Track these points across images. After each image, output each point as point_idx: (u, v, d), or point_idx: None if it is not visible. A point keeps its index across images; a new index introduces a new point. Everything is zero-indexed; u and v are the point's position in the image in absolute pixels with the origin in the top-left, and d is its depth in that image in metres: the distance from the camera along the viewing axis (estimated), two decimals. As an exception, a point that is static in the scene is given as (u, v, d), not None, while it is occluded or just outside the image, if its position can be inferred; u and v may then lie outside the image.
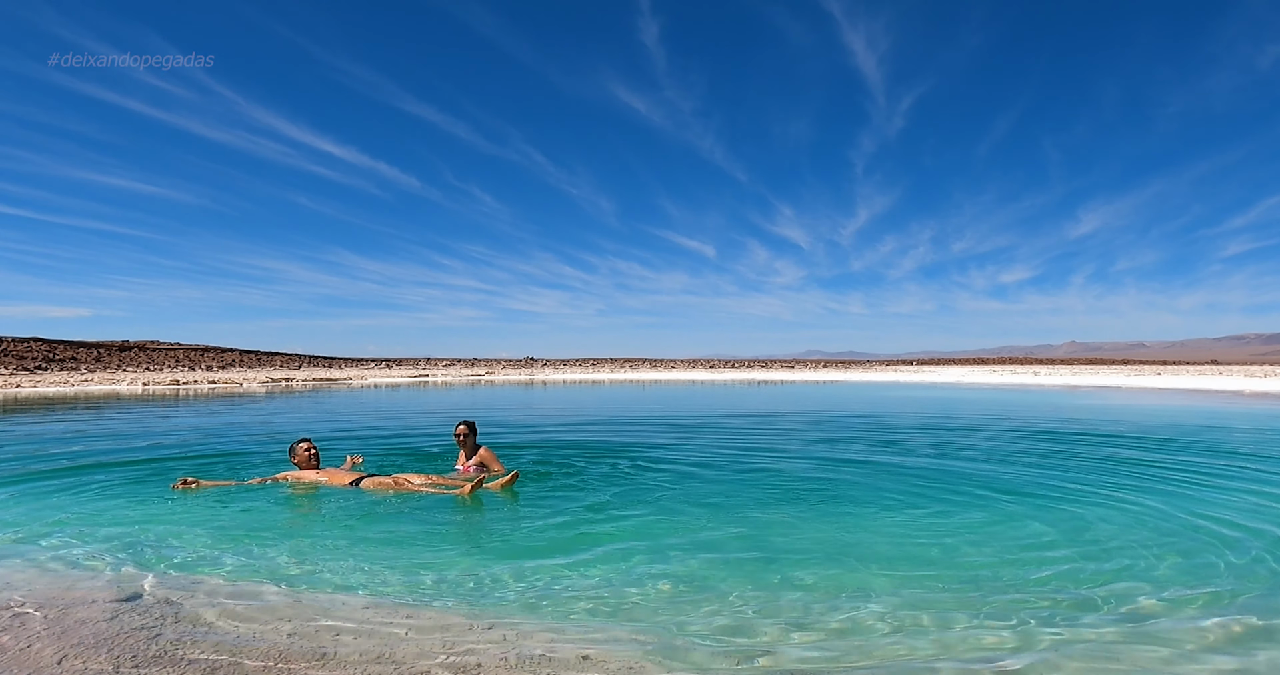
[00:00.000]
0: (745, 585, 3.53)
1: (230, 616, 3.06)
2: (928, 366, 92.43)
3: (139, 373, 48.99)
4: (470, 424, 6.65)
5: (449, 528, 4.69)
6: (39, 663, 2.57)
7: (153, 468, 7.15)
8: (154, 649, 2.70)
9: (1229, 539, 4.37)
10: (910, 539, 4.41)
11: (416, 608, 3.20)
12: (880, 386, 33.37)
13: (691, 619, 3.10)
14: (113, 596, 3.26)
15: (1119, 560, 3.94)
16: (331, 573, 3.72)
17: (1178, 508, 5.23)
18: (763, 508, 5.31)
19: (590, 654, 2.70)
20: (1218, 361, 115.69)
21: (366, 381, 41.73)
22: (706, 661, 2.67)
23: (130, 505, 5.34)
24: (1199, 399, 20.97)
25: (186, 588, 3.44)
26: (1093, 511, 5.13)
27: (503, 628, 2.96)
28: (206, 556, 4.00)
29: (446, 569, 3.78)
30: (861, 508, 5.30)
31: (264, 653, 2.68)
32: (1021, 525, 4.74)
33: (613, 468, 7.06)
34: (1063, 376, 43.80)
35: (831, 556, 4.02)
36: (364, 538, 4.42)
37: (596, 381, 45.00)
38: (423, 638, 2.84)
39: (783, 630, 2.96)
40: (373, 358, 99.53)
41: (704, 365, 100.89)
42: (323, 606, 3.19)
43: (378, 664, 2.60)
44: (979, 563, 3.90)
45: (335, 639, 2.82)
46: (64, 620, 2.97)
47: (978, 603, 3.27)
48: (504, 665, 2.60)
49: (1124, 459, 7.75)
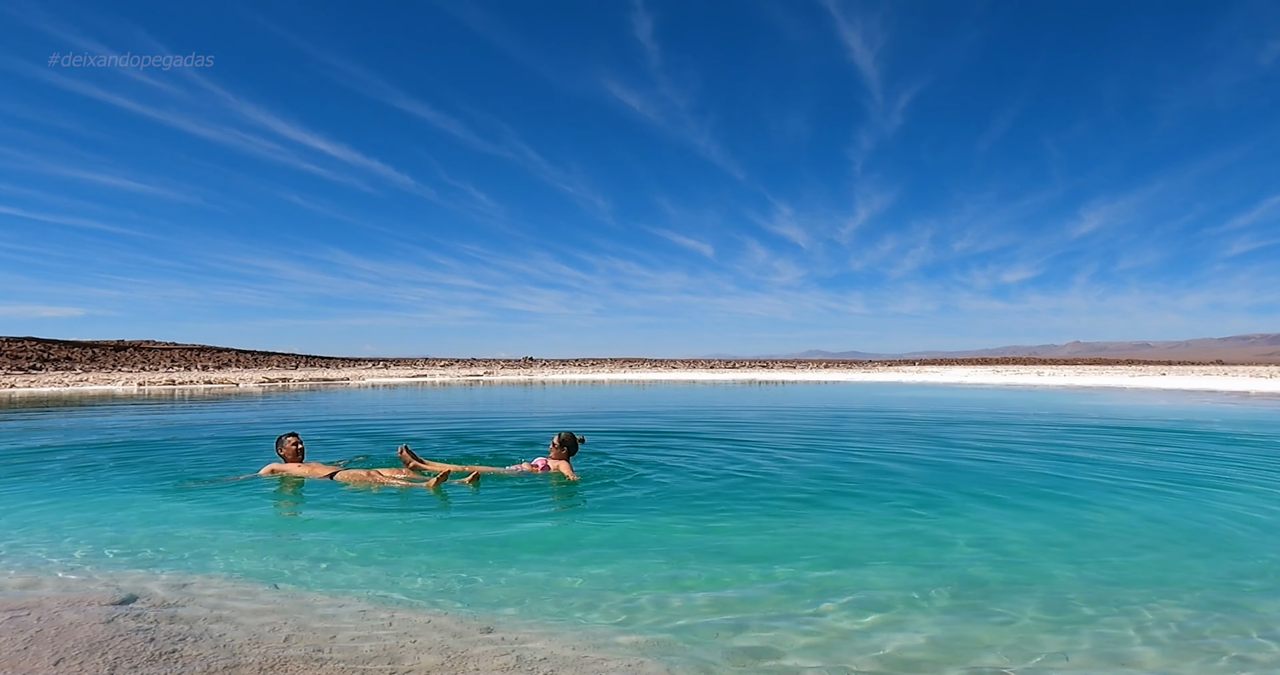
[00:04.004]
0: (746, 586, 3.53)
1: (226, 618, 3.04)
2: (930, 367, 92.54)
3: (134, 373, 48.91)
4: (570, 440, 6.57)
5: (446, 528, 4.67)
6: (35, 665, 2.55)
7: (148, 468, 7.13)
8: (150, 651, 2.69)
9: (1249, 541, 4.37)
10: (911, 539, 4.41)
11: (414, 609, 3.19)
12: (883, 387, 33.38)
13: (692, 619, 3.09)
14: (108, 599, 3.25)
15: (1138, 558, 3.93)
16: (328, 573, 3.71)
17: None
18: (764, 508, 5.30)
19: (588, 655, 2.69)
20: (1223, 362, 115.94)
21: (364, 382, 41.69)
22: (707, 662, 2.66)
23: (125, 506, 5.33)
24: (1205, 399, 20.99)
25: (182, 589, 3.43)
26: (1103, 513, 5.13)
27: (500, 629, 2.95)
28: (203, 557, 3.99)
29: (444, 569, 3.77)
30: (862, 508, 5.30)
31: (261, 654, 2.67)
32: (1024, 525, 4.73)
33: (612, 467, 7.05)
34: (1066, 377, 43.83)
35: (833, 557, 4.01)
36: (360, 538, 4.40)
37: (596, 382, 44.99)
38: (420, 639, 2.83)
39: (784, 630, 2.95)
40: (370, 358, 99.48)
41: (704, 365, 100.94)
42: (319, 608, 3.18)
43: (374, 665, 2.58)
44: (982, 563, 3.90)
45: (332, 641, 2.81)
46: (59, 622, 2.95)
47: (979, 603, 3.27)
48: (502, 666, 2.59)
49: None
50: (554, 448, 6.49)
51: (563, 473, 6.32)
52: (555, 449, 6.48)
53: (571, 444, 6.54)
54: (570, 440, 6.54)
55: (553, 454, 6.49)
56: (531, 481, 6.20)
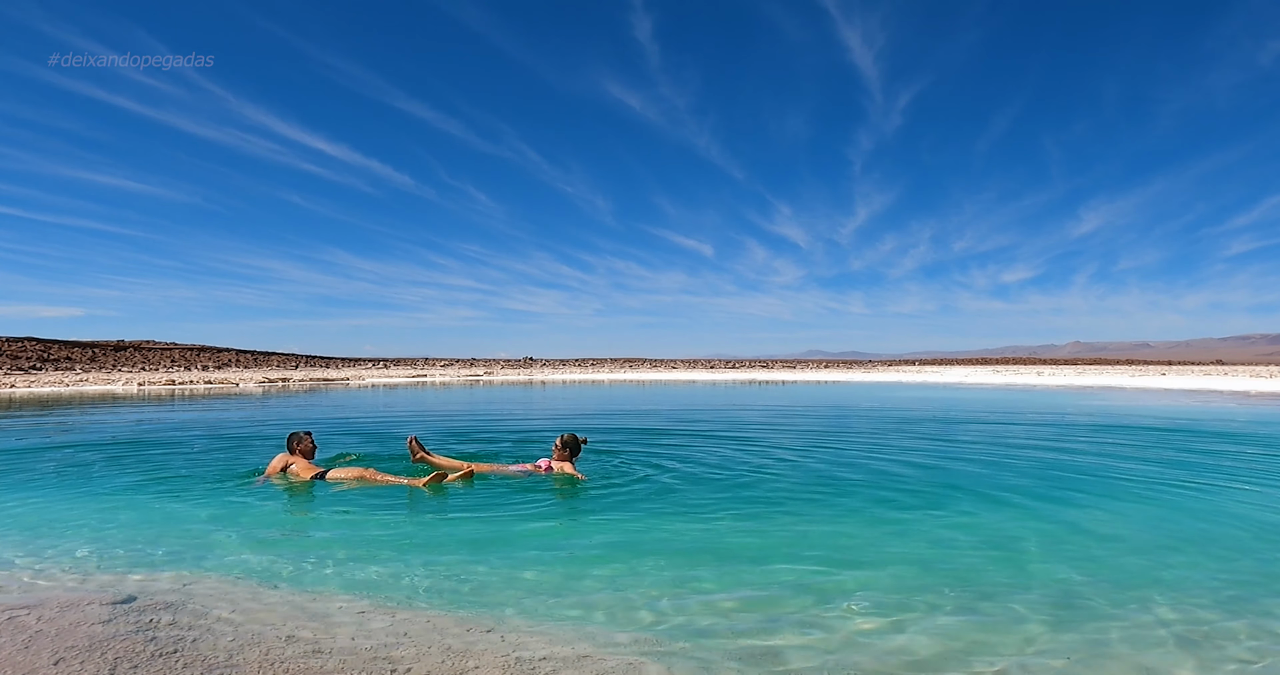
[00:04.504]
0: (746, 585, 3.53)
1: (226, 618, 3.04)
2: (930, 367, 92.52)
3: (134, 373, 48.90)
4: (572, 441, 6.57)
5: (446, 528, 4.67)
6: (35, 665, 2.55)
7: (147, 468, 7.13)
8: (150, 651, 2.68)
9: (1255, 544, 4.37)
10: (912, 539, 4.40)
11: (414, 609, 3.19)
12: (884, 387, 33.38)
13: (692, 619, 3.09)
14: (108, 598, 3.24)
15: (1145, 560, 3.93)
16: (328, 573, 3.71)
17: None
18: (764, 507, 5.30)
19: (588, 654, 2.69)
20: (1223, 362, 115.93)
21: (364, 382, 41.68)
22: (707, 662, 2.66)
23: (125, 505, 5.32)
24: (1205, 399, 20.98)
25: (182, 589, 3.42)
26: (1104, 513, 5.12)
27: (500, 629, 2.95)
28: (203, 557, 3.99)
29: (444, 569, 3.76)
30: (863, 507, 5.29)
31: (261, 654, 2.67)
32: (1026, 525, 4.73)
33: (612, 467, 7.05)
34: (1066, 377, 43.82)
35: (834, 557, 4.01)
36: (360, 538, 4.40)
37: (597, 382, 44.98)
38: (419, 639, 2.83)
39: (784, 631, 2.95)
40: (370, 358, 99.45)
41: (704, 365, 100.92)
42: (319, 607, 3.18)
43: (374, 665, 2.58)
44: (983, 563, 3.90)
45: (332, 640, 2.81)
46: (59, 622, 2.95)
47: (980, 603, 3.27)
48: (502, 666, 2.58)
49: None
50: (556, 449, 6.50)
51: (567, 472, 6.32)
52: (558, 450, 6.48)
53: (574, 445, 6.54)
54: (573, 442, 6.54)
55: (555, 455, 6.49)
56: (533, 481, 6.20)
